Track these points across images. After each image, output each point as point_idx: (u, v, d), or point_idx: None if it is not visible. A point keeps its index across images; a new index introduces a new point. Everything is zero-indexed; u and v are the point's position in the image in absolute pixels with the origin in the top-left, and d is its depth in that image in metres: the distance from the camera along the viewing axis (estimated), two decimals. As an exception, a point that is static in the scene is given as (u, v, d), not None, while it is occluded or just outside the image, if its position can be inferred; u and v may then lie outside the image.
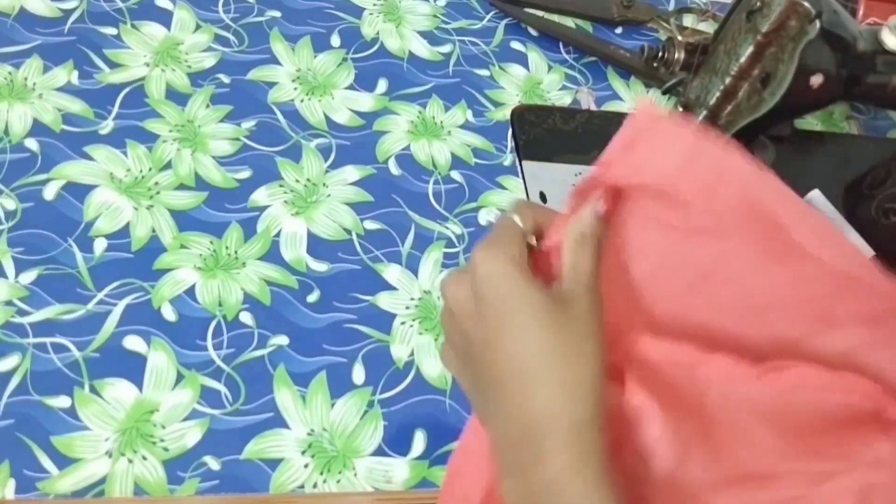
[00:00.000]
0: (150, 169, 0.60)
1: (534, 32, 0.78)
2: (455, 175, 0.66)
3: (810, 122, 0.81)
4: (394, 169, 0.65)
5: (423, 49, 0.73)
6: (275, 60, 0.68)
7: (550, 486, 0.35)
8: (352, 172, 0.64)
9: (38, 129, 0.60)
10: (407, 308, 0.59)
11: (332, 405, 0.53)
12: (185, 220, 0.58)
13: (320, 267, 0.59)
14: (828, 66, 0.54)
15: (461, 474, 0.43)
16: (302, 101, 0.67)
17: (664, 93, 0.75)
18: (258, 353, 0.54)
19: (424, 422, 0.54)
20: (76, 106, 0.61)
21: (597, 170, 0.37)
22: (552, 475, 0.35)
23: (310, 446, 0.52)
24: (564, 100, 0.74)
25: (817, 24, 0.51)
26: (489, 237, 0.40)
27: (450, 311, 0.39)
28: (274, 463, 0.51)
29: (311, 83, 0.68)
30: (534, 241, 0.40)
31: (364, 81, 0.70)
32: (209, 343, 0.54)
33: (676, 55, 0.71)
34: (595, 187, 0.38)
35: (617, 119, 0.73)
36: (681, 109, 0.58)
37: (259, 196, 0.61)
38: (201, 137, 0.63)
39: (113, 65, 0.64)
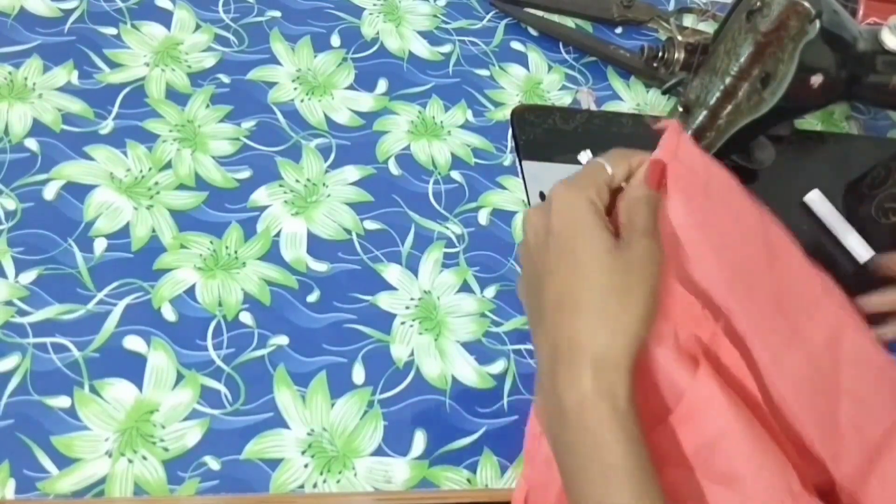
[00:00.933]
0: (150, 169, 0.60)
1: (534, 32, 0.78)
2: (455, 175, 0.66)
3: (810, 122, 0.81)
4: (394, 169, 0.65)
5: (423, 49, 0.73)
6: (275, 60, 0.68)
7: (576, 407, 0.38)
8: (352, 172, 0.64)
9: (38, 129, 0.60)
10: (407, 308, 0.59)
11: (332, 405, 0.53)
12: (185, 220, 0.58)
13: (320, 267, 0.59)
14: (828, 66, 0.54)
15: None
16: (302, 101, 0.67)
17: (664, 93, 0.75)
18: (258, 353, 0.54)
19: (424, 422, 0.54)
20: (76, 106, 0.61)
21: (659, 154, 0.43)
22: (579, 396, 0.38)
23: (310, 446, 0.52)
24: (564, 100, 0.74)
25: (817, 24, 0.51)
26: (573, 175, 0.43)
27: (526, 240, 0.44)
28: (274, 463, 0.51)
29: (311, 83, 0.68)
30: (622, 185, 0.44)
31: (364, 81, 0.70)
32: (209, 343, 0.54)
33: (676, 55, 0.71)
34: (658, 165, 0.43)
35: (617, 119, 0.73)
36: (681, 109, 0.58)
37: (259, 196, 0.61)
38: (201, 137, 0.63)
39: (113, 65, 0.64)
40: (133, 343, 0.53)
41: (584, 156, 0.47)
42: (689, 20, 0.83)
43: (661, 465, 0.40)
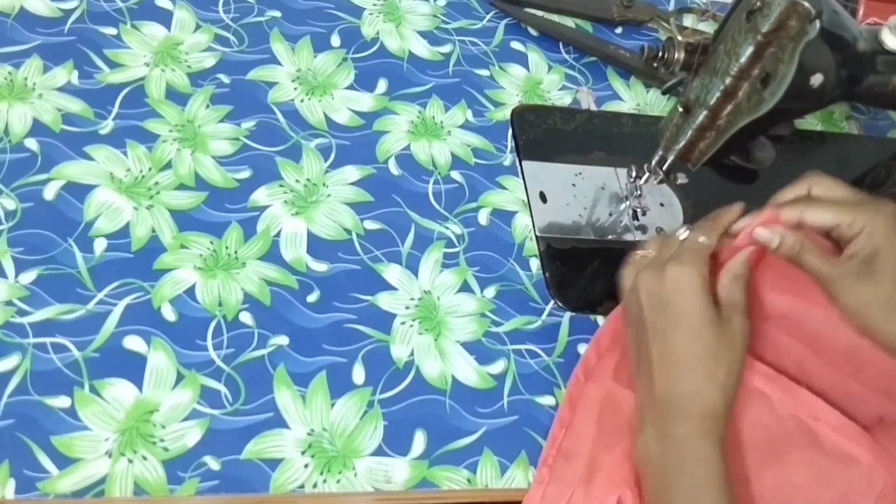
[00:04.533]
0: (150, 169, 0.60)
1: (534, 32, 0.78)
2: (455, 175, 0.66)
3: (810, 122, 0.81)
4: (394, 169, 0.65)
5: (423, 49, 0.73)
6: (275, 60, 0.68)
7: (684, 440, 0.48)
8: (352, 172, 0.64)
9: (38, 129, 0.60)
10: (407, 308, 0.59)
11: (332, 405, 0.53)
12: (185, 220, 0.58)
13: (320, 267, 0.59)
14: (828, 66, 0.53)
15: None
16: (302, 101, 0.67)
17: (664, 93, 0.75)
18: (258, 353, 0.54)
19: (424, 422, 0.54)
20: (76, 106, 0.61)
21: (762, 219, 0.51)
22: (686, 432, 0.48)
23: (310, 446, 0.52)
24: (564, 100, 0.74)
25: (817, 24, 0.50)
26: (680, 252, 0.51)
27: (638, 293, 0.52)
28: (274, 463, 0.51)
29: (311, 83, 0.68)
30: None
31: (364, 81, 0.70)
32: (209, 343, 0.54)
33: (676, 55, 0.70)
34: (750, 239, 0.51)
35: (617, 119, 0.73)
36: (681, 109, 0.58)
37: (259, 196, 0.61)
38: (201, 137, 0.63)
39: (113, 65, 0.64)
40: (133, 343, 0.53)
41: (683, 232, 0.54)
42: (689, 20, 0.83)
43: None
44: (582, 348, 0.60)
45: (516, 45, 0.76)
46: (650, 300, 0.51)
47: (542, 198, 0.66)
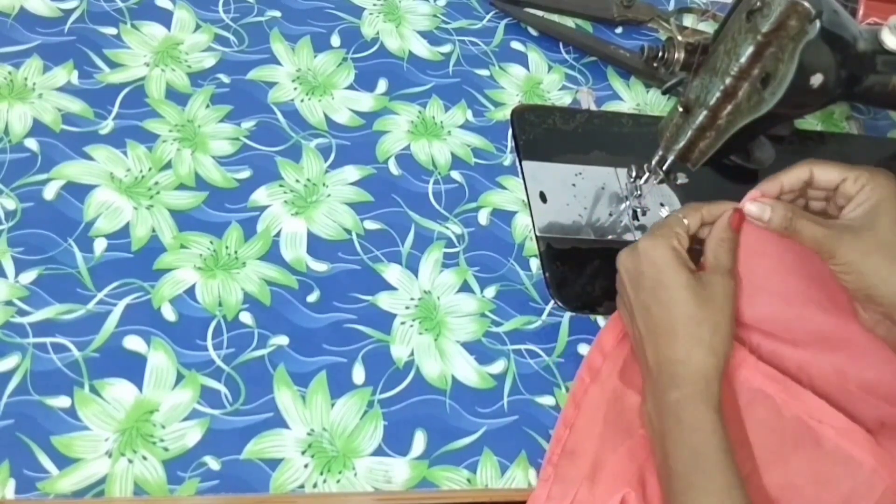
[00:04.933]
0: (150, 169, 0.60)
1: (534, 32, 0.78)
2: (455, 175, 0.66)
3: (810, 122, 0.81)
4: (394, 169, 0.65)
5: (423, 49, 0.73)
6: (275, 60, 0.68)
7: (677, 406, 0.49)
8: (352, 172, 0.64)
9: (38, 129, 0.60)
10: (407, 308, 0.59)
11: (332, 405, 0.53)
12: (185, 220, 0.58)
13: (320, 267, 0.59)
14: (828, 66, 0.53)
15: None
16: (302, 101, 0.67)
17: (664, 93, 0.75)
18: (258, 353, 0.54)
19: (424, 422, 0.54)
20: (76, 106, 0.61)
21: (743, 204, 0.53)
22: (679, 397, 0.49)
23: (310, 446, 0.52)
24: (564, 100, 0.74)
25: (817, 24, 0.50)
26: (651, 228, 0.54)
27: (619, 275, 0.54)
28: (274, 463, 0.51)
29: (311, 83, 0.68)
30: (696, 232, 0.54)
31: (364, 81, 0.70)
32: (209, 343, 0.54)
33: (676, 55, 0.70)
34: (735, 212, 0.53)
35: (617, 119, 0.73)
36: (681, 109, 0.58)
37: (259, 196, 0.61)
38: (201, 137, 0.63)
39: (113, 65, 0.64)
40: (133, 343, 0.53)
41: (664, 210, 0.58)
42: (689, 20, 0.83)
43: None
44: (582, 348, 0.60)
45: (516, 45, 0.76)
46: (630, 277, 0.53)
47: (542, 198, 0.66)
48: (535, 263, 0.63)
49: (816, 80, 0.53)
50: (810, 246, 0.50)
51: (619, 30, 0.81)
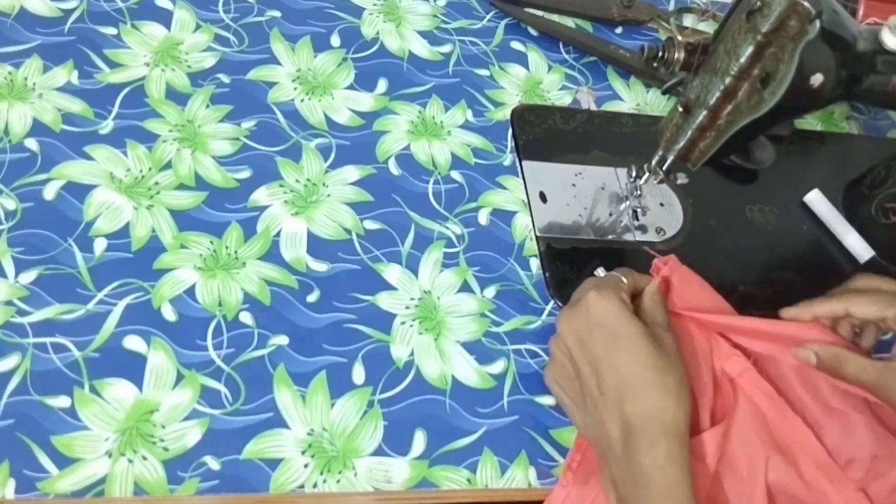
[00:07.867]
0: (150, 169, 0.60)
1: (534, 32, 0.78)
2: (455, 175, 0.66)
3: (810, 122, 0.81)
4: (394, 169, 0.65)
5: (423, 49, 0.73)
6: (275, 60, 0.68)
7: (650, 471, 0.46)
8: (352, 172, 0.64)
9: (38, 129, 0.60)
10: (407, 308, 0.59)
11: (332, 405, 0.53)
12: (185, 220, 0.58)
13: (320, 267, 0.59)
14: (828, 66, 0.53)
15: None
16: (302, 101, 0.67)
17: (664, 93, 0.75)
18: (258, 353, 0.54)
19: (424, 422, 0.54)
20: (76, 106, 0.61)
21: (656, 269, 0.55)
22: (651, 461, 0.46)
23: (310, 446, 0.52)
24: (564, 100, 0.74)
25: (817, 24, 0.50)
26: (599, 285, 0.52)
27: (563, 338, 0.51)
28: (274, 463, 0.51)
29: (311, 83, 0.68)
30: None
31: (364, 81, 0.70)
32: (209, 343, 0.54)
33: (676, 55, 0.70)
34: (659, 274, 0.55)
35: (617, 119, 0.73)
36: (681, 109, 0.58)
37: (259, 196, 0.61)
38: (201, 137, 0.63)
39: (113, 65, 0.64)
40: (133, 343, 0.53)
41: (601, 271, 0.56)
42: (689, 20, 0.83)
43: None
44: (582, 348, 0.60)
45: (516, 45, 0.76)
46: (579, 337, 0.50)
47: (542, 198, 0.66)
48: (535, 263, 0.63)
49: (816, 80, 0.53)
50: (857, 386, 0.50)
51: (619, 30, 0.81)
